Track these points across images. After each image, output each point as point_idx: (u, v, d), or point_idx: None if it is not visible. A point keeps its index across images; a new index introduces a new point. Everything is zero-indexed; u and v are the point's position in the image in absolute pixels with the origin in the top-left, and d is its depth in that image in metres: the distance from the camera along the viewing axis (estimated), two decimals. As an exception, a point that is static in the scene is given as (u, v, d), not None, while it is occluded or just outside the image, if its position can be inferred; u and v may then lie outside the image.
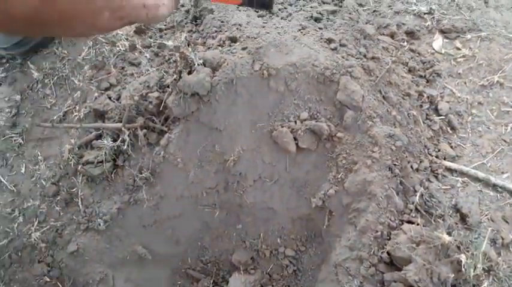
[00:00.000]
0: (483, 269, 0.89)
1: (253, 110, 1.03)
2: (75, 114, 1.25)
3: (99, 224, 1.11)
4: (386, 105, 1.01)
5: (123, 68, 1.31)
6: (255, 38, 1.10)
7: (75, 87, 1.30)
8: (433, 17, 1.31)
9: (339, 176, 1.00)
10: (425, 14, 1.31)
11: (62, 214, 1.15)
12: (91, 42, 1.36)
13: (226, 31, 1.19)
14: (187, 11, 1.39)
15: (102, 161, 1.12)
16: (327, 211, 1.04)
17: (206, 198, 1.11)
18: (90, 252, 1.11)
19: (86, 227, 1.12)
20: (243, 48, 1.09)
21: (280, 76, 1.01)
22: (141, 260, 1.14)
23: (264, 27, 1.15)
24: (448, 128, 1.13)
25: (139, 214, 1.12)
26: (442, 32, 1.29)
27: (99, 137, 1.19)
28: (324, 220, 1.05)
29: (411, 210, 0.99)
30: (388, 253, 0.95)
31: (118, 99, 1.21)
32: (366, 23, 1.19)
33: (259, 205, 1.10)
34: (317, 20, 1.17)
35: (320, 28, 1.15)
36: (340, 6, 1.27)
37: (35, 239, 1.11)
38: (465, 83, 1.20)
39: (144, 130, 1.10)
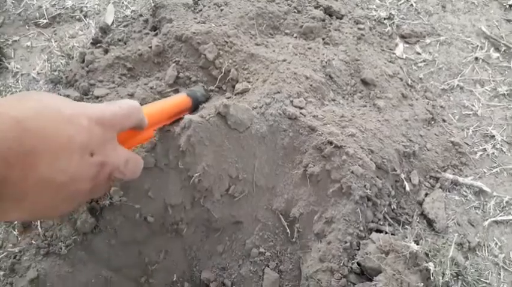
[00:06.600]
0: (451, 274, 0.90)
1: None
2: (30, 132, 1.19)
3: (61, 248, 1.06)
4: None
5: (80, 82, 1.26)
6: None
7: (30, 103, 1.24)
8: (393, 22, 1.32)
9: (308, 189, 0.99)
10: (385, 19, 1.32)
11: (20, 238, 1.09)
12: (46, 56, 1.30)
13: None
14: (146, 21, 1.35)
15: (61, 182, 1.07)
16: (297, 223, 1.03)
17: (172, 215, 1.08)
18: (51, 278, 1.05)
19: (47, 252, 1.06)
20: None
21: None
22: (106, 283, 1.09)
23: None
24: (413, 133, 1.14)
25: (104, 235, 1.08)
26: (402, 37, 1.30)
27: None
28: (293, 232, 1.04)
29: (379, 219, 0.99)
30: (358, 263, 0.94)
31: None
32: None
33: (227, 219, 1.07)
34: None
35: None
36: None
37: (-8, 268, 1.04)
38: (427, 87, 1.21)
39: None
